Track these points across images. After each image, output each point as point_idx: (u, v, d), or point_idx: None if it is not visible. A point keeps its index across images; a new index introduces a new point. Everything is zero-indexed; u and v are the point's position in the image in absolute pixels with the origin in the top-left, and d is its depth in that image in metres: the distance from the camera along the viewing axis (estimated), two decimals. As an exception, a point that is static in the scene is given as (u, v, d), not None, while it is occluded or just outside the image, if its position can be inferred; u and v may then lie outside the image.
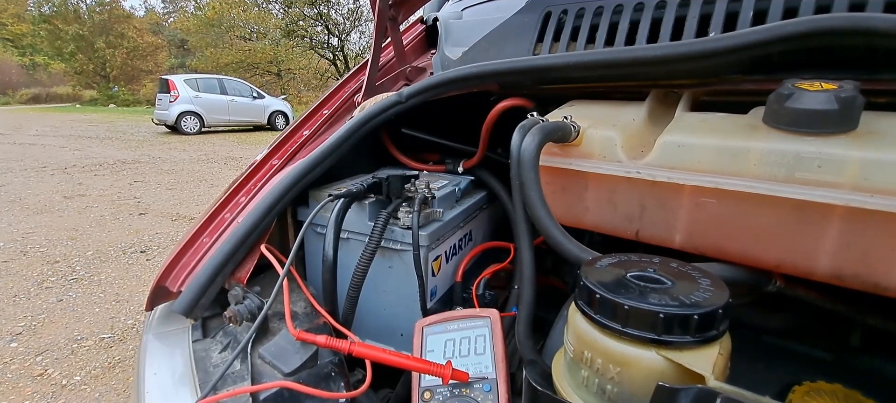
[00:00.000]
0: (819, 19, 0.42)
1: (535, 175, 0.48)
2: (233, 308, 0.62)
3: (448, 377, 0.46)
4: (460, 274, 0.77)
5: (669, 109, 0.57)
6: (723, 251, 0.47)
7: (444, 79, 0.67)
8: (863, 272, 0.40)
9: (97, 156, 6.72)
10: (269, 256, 0.64)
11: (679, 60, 0.49)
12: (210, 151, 7.36)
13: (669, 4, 0.61)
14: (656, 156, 0.48)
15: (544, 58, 0.60)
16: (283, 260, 0.61)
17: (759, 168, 0.42)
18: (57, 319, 2.40)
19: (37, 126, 9.35)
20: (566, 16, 0.70)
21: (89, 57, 25.19)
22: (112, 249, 3.27)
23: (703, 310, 0.32)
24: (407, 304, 0.71)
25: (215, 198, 0.79)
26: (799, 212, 0.41)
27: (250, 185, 0.78)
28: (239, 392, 0.49)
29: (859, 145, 0.38)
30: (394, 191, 0.70)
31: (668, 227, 0.49)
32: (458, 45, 0.87)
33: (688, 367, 0.31)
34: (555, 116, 0.58)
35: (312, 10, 18.23)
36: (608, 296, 0.34)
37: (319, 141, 0.82)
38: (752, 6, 0.56)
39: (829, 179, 0.39)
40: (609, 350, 0.34)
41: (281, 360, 0.53)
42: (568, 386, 0.39)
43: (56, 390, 1.91)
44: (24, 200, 4.36)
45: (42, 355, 2.12)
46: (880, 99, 0.46)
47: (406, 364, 0.47)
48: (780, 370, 0.48)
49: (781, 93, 0.43)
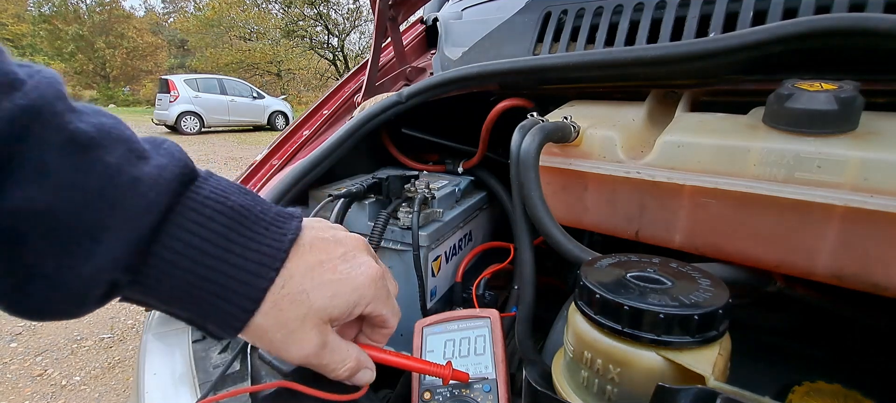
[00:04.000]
0: (819, 19, 0.42)
1: (535, 175, 0.48)
2: (233, 308, 0.62)
3: (448, 377, 0.46)
4: (460, 275, 0.77)
5: (669, 109, 0.57)
6: (722, 251, 0.47)
7: (444, 80, 0.67)
8: (863, 272, 0.40)
9: (97, 157, 6.71)
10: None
11: (679, 60, 0.50)
12: (210, 151, 7.35)
13: (669, 4, 0.61)
14: (656, 157, 0.48)
15: (544, 58, 0.60)
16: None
17: (758, 168, 0.42)
18: (57, 319, 2.40)
19: (37, 126, 9.37)
20: (566, 16, 0.70)
21: (89, 57, 25.20)
22: (112, 249, 3.27)
23: (704, 311, 0.32)
24: (407, 304, 0.71)
25: (215, 199, 0.79)
26: (799, 213, 0.41)
27: (250, 186, 0.78)
28: (238, 393, 0.49)
29: (859, 145, 0.38)
30: (394, 191, 0.70)
31: (667, 227, 0.49)
32: (458, 45, 0.87)
33: (688, 367, 0.31)
34: (555, 116, 0.58)
35: (312, 10, 18.24)
36: (608, 297, 0.34)
37: (319, 141, 0.82)
38: (752, 6, 0.56)
39: (829, 179, 0.39)
40: (609, 350, 0.34)
41: (281, 360, 0.53)
42: (568, 387, 0.39)
43: (56, 390, 1.92)
44: (23, 200, 4.36)
45: (42, 355, 2.13)
46: (880, 99, 0.46)
47: (406, 364, 0.47)
48: (781, 370, 0.48)
49: (781, 93, 0.43)
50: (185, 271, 0.31)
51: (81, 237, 0.28)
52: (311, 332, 0.36)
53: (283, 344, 0.36)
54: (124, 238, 0.29)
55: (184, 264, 0.31)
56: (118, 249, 0.29)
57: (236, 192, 0.35)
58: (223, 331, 0.34)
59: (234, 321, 0.34)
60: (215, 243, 0.32)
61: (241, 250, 0.33)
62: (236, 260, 0.33)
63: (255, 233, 0.34)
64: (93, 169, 0.28)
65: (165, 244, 0.31)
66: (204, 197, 0.33)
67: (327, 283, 0.37)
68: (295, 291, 0.35)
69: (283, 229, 0.36)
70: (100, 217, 0.28)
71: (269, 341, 0.36)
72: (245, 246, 0.33)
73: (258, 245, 0.34)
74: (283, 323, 0.35)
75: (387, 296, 0.41)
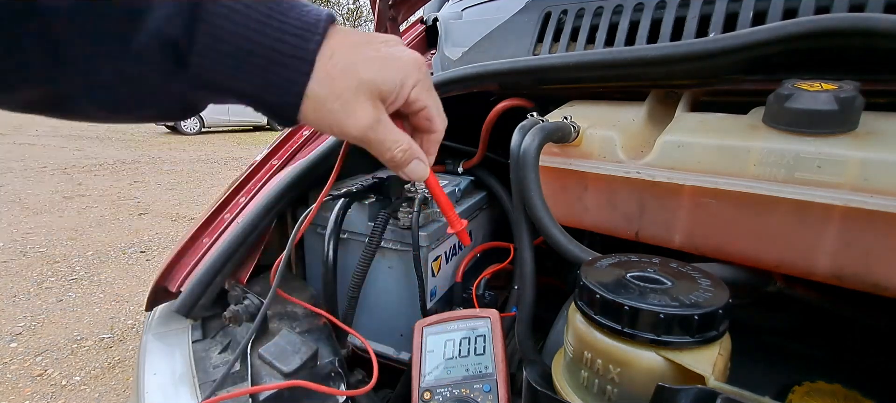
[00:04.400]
0: (819, 20, 0.42)
1: (535, 175, 0.48)
2: (232, 308, 0.62)
3: (464, 236, 0.48)
4: (460, 275, 0.77)
5: (669, 109, 0.57)
6: (722, 251, 0.47)
7: (444, 80, 0.67)
8: (863, 272, 0.40)
9: (97, 156, 6.72)
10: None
11: (679, 60, 0.49)
12: (210, 151, 7.36)
13: (669, 4, 0.61)
14: (656, 157, 0.48)
15: (544, 58, 0.60)
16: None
17: (758, 168, 0.42)
18: (57, 319, 2.40)
19: (37, 126, 9.36)
20: (566, 16, 0.70)
21: (89, 57, 25.14)
22: (112, 249, 3.27)
23: (704, 311, 0.32)
24: (407, 304, 0.71)
25: (215, 199, 0.79)
26: (799, 213, 0.41)
27: (250, 186, 0.78)
28: (240, 394, 0.49)
29: (859, 145, 0.38)
30: (394, 191, 0.70)
31: (667, 227, 0.49)
32: (458, 45, 0.87)
33: (688, 367, 0.31)
34: (555, 116, 0.58)
35: (312, 10, 18.20)
36: (608, 297, 0.34)
37: (319, 141, 0.82)
38: (752, 6, 0.56)
39: (829, 179, 0.39)
40: (609, 350, 0.34)
41: (281, 360, 0.53)
42: (568, 387, 0.39)
43: (56, 390, 1.92)
44: (23, 200, 4.36)
45: (42, 355, 2.12)
46: (880, 99, 0.46)
47: (439, 196, 0.46)
48: (781, 370, 0.48)
49: (781, 93, 0.43)
50: (234, 34, 0.33)
51: (127, 9, 0.30)
52: (366, 103, 0.37)
53: (342, 115, 0.37)
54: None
55: (232, 26, 0.33)
56: (167, 10, 0.30)
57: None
58: (285, 99, 0.36)
59: (293, 85, 0.35)
60: (257, 8, 0.33)
61: (281, 16, 0.34)
62: (279, 24, 0.34)
63: (292, 6, 0.35)
64: None
65: (209, 9, 0.32)
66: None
67: (373, 59, 0.37)
68: (343, 63, 0.36)
69: (318, 11, 0.37)
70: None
71: (328, 112, 0.36)
72: (285, 12, 0.35)
73: (298, 13, 0.35)
74: (338, 93, 0.36)
75: (431, 86, 0.41)
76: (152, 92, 0.33)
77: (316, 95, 0.36)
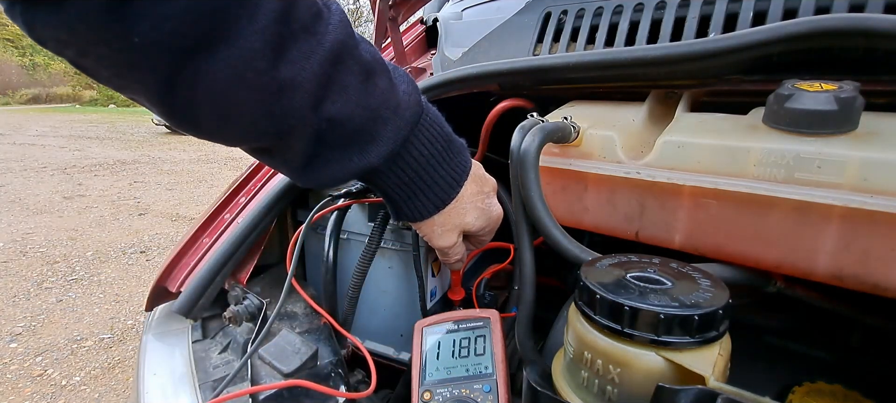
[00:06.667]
0: (819, 20, 0.42)
1: (535, 175, 0.48)
2: (232, 308, 0.62)
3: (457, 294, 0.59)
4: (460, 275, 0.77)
5: (669, 110, 0.57)
6: (722, 251, 0.47)
7: (444, 80, 0.67)
8: (863, 272, 0.40)
9: (97, 157, 6.72)
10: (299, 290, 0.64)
11: (679, 61, 0.50)
12: (210, 151, 7.36)
13: (669, 4, 0.61)
14: (656, 157, 0.48)
15: (544, 58, 0.60)
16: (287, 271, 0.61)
17: (758, 168, 0.42)
18: (57, 319, 2.40)
19: (37, 126, 9.35)
20: (566, 16, 0.70)
21: (89, 57, 25.11)
22: (112, 249, 3.27)
23: (704, 311, 0.32)
24: (407, 304, 0.71)
25: (215, 199, 0.79)
26: (799, 213, 0.41)
27: (250, 186, 0.78)
28: (240, 394, 0.49)
29: (859, 146, 0.38)
30: (394, 192, 0.70)
31: (667, 228, 0.49)
32: (458, 45, 0.87)
33: (688, 368, 0.31)
34: (555, 116, 0.58)
35: (312, 11, 18.20)
36: (608, 297, 0.34)
37: (319, 141, 0.82)
38: (752, 7, 0.56)
39: (829, 180, 0.39)
40: (609, 350, 0.34)
41: (281, 360, 0.53)
42: (568, 387, 0.39)
43: (56, 390, 1.92)
44: (23, 200, 4.36)
45: (42, 355, 2.13)
46: (880, 99, 0.46)
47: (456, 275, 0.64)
48: (781, 370, 0.48)
49: (781, 93, 0.43)
50: (412, 171, 0.46)
51: (362, 141, 0.41)
52: (454, 233, 0.53)
53: (438, 236, 0.52)
54: (390, 144, 0.43)
55: (414, 166, 0.46)
56: (383, 151, 0.43)
57: (441, 119, 0.49)
58: (414, 216, 0.50)
59: (427, 212, 0.49)
60: (434, 156, 0.47)
61: (447, 166, 0.48)
62: (443, 173, 0.48)
63: (453, 154, 0.49)
64: (373, 92, 0.40)
65: (408, 151, 0.45)
66: (430, 119, 0.47)
67: (477, 209, 0.54)
68: (461, 207, 0.51)
69: (465, 155, 0.52)
70: (375, 128, 0.41)
71: (430, 230, 0.52)
72: (449, 162, 0.49)
73: (455, 164, 0.49)
74: (445, 225, 0.51)
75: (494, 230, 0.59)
76: (344, 181, 0.45)
77: (432, 220, 0.50)
